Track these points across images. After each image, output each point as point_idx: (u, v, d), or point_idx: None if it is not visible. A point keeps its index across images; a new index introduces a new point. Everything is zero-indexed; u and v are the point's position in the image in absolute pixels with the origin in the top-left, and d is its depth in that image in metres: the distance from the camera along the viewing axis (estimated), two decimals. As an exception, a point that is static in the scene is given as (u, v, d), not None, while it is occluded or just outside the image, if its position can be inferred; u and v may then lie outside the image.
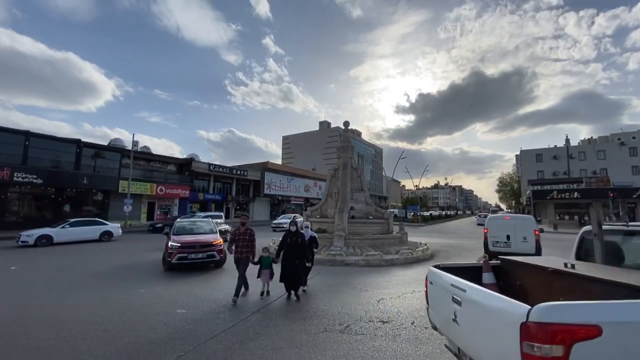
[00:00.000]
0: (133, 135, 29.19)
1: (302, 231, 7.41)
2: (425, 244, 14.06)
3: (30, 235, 15.30)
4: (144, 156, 33.86)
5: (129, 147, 30.59)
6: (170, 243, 9.43)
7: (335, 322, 5.31)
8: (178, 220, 11.62)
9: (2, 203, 23.26)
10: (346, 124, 15.97)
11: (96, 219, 19.30)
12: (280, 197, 48.42)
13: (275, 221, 29.28)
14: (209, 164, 38.65)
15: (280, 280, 6.62)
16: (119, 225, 19.14)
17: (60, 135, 32.48)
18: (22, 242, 15.00)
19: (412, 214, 47.30)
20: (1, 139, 23.23)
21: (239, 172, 42.49)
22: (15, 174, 22.86)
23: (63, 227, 16.58)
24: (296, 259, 6.66)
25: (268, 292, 6.90)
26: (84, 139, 28.03)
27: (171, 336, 4.59)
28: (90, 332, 4.71)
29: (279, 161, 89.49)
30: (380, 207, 16.40)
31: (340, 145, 16.22)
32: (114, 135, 68.86)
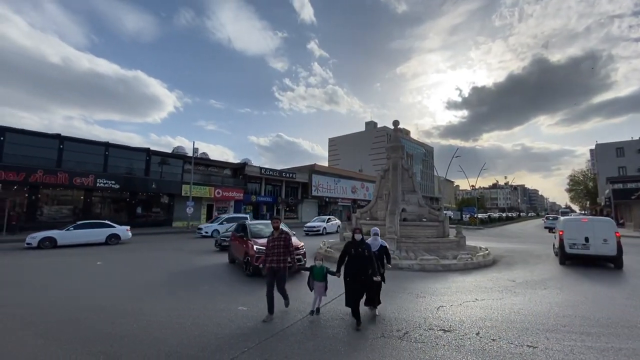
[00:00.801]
0: (193, 142, 31.66)
1: (370, 240, 6.09)
2: (486, 249, 13.07)
3: (34, 237, 15.04)
4: (203, 162, 36.47)
5: (190, 153, 33.22)
6: (256, 247, 9.03)
7: (392, 328, 5.16)
8: (250, 223, 11.04)
9: (88, 206, 26.75)
10: (396, 123, 15.54)
11: (104, 221, 18.31)
12: (327, 199, 48.78)
13: (308, 224, 26.96)
14: (260, 168, 40.36)
15: (347, 305, 5.38)
16: (127, 228, 18.27)
17: (132, 145, 36.42)
18: (27, 244, 14.89)
19: (468, 216, 44.41)
20: (86, 150, 26.80)
21: (287, 174, 43.74)
22: (97, 180, 26.17)
23: (68, 230, 16.15)
24: (362, 275, 5.27)
25: (318, 309, 5.79)
26: (151, 148, 31.14)
27: (235, 332, 4.84)
28: (165, 324, 5.17)
29: (325, 163, 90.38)
30: (433, 208, 15.64)
31: (390, 145, 15.82)
32: (177, 144, 75.25)
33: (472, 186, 50.93)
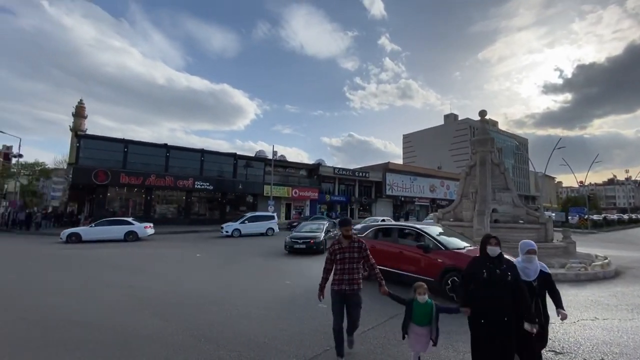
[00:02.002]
0: (273, 146, 33.90)
1: (519, 260, 3.48)
2: (604, 257, 10.80)
3: (64, 233, 16.87)
4: (281, 164, 38.73)
5: (270, 156, 35.65)
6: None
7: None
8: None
9: (188, 205, 30.82)
10: (482, 113, 13.99)
11: (124, 218, 19.15)
12: (402, 198, 46.91)
13: (357, 226, 22.34)
14: (334, 168, 41.00)
15: None
16: (146, 225, 18.70)
17: (222, 150, 40.72)
18: (60, 238, 16.71)
19: (576, 217, 37.68)
20: (187, 157, 30.93)
21: (360, 174, 43.48)
22: (196, 183, 29.94)
23: (90, 226, 17.80)
24: (502, 315, 2.97)
25: None
26: (237, 153, 34.38)
27: (317, 329, 4.91)
28: (252, 314, 5.53)
29: (399, 161, 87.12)
30: (530, 209, 13.59)
31: (477, 139, 14.31)
32: (258, 148, 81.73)
33: (581, 182, 43.06)
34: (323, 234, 14.01)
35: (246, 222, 21.75)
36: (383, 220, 22.95)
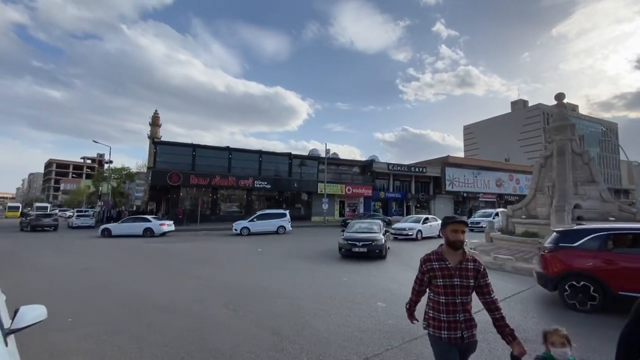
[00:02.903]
0: (325, 144, 34.27)
1: None
2: None
3: (100, 228, 19.93)
4: (334, 161, 38.96)
5: (323, 154, 36.09)
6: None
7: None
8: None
9: (249, 203, 32.69)
10: (559, 96, 12.36)
11: (143, 216, 21.83)
12: (465, 194, 43.86)
13: (397, 225, 19.53)
14: (388, 164, 39.96)
15: None
16: (162, 223, 20.18)
17: (278, 151, 42.33)
18: (100, 233, 19.41)
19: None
20: (246, 158, 32.83)
21: (417, 169, 41.71)
22: (255, 182, 31.64)
23: (118, 223, 20.38)
24: None
25: None
26: (292, 152, 35.49)
27: (376, 327, 4.83)
28: (313, 309, 5.66)
29: (460, 154, 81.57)
30: (623, 204, 11.66)
31: (553, 126, 12.72)
32: (310, 147, 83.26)
33: (694, 172, 35.61)
34: (382, 235, 11.81)
35: (255, 220, 21.24)
36: (426, 220, 19.42)
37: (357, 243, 11.12)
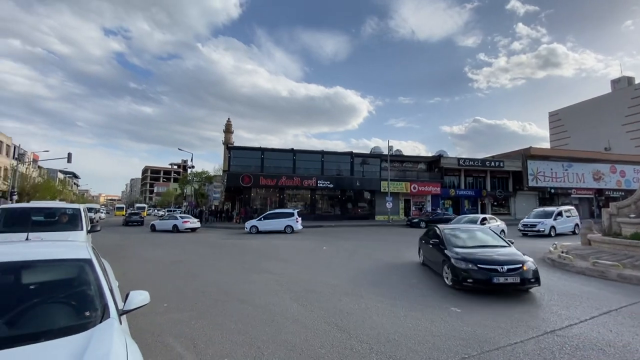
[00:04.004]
0: (388, 141, 33.37)
1: None
2: None
3: (154, 225, 24.70)
4: (397, 158, 37.73)
5: (385, 152, 35.24)
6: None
7: None
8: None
9: (313, 202, 33.57)
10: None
11: (174, 214, 28.23)
12: (552, 190, 38.48)
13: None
14: (458, 159, 37.21)
15: None
16: (186, 220, 23.77)
17: (339, 150, 42.63)
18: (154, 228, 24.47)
19: None
20: (309, 159, 33.78)
21: (492, 163, 38.02)
22: (318, 182, 32.37)
23: (160, 218, 26.80)
24: None
25: None
26: (353, 151, 35.39)
27: (451, 333, 4.52)
28: (381, 309, 5.54)
29: (545, 144, 71.83)
30: None
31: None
32: (372, 145, 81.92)
33: None
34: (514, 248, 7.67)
35: (263, 219, 21.83)
36: (484, 220, 17.31)
37: (501, 268, 6.43)
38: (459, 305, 5.80)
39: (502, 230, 16.60)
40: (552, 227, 18.17)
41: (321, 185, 32.59)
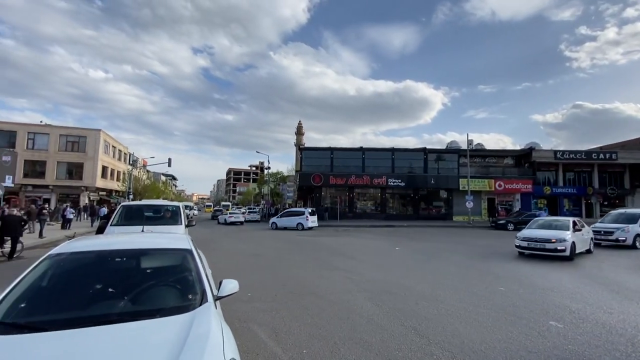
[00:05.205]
0: (467, 135, 30.70)
1: None
2: None
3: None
4: (479, 153, 34.49)
5: (463, 146, 32.48)
6: None
7: None
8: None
9: (383, 201, 32.82)
10: None
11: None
12: (693, 187, 30.56)
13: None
14: (555, 151, 32.32)
15: None
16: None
17: (410, 147, 40.80)
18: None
19: None
20: (379, 157, 33.12)
21: (601, 155, 31.98)
22: (388, 180, 31.54)
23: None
24: None
25: None
26: (427, 147, 33.45)
27: (551, 352, 3.93)
28: (464, 317, 5.12)
29: (680, 130, 57.37)
30: None
31: None
32: (448, 139, 76.42)
33: None
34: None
35: (280, 217, 25.14)
36: (578, 224, 11.59)
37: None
38: (557, 317, 5.01)
39: (591, 239, 12.05)
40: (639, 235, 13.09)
41: (392, 183, 31.66)
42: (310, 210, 24.19)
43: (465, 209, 28.45)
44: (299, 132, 75.46)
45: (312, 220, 23.45)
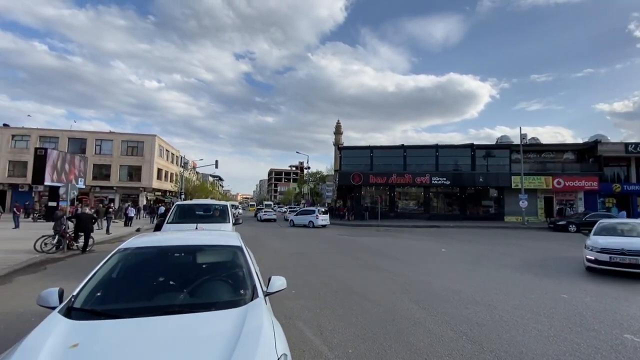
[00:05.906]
0: (520, 128, 28.43)
1: None
2: None
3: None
4: (533, 148, 31.84)
5: (516, 141, 30.17)
6: None
7: None
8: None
9: (427, 200, 31.59)
10: None
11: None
12: None
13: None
14: (626, 144, 28.76)
15: None
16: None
17: (456, 143, 38.83)
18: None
19: None
20: (421, 154, 31.95)
21: (687, 147, 27.78)
22: (432, 178, 30.30)
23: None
24: None
25: None
26: (474, 143, 31.55)
27: (629, 369, 3.51)
28: (521, 325, 4.76)
29: None
30: None
31: None
32: (497, 134, 71.50)
33: None
34: None
35: (297, 215, 27.29)
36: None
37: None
38: (634, 329, 4.44)
39: None
40: None
41: (435, 182, 30.36)
42: (321, 210, 26.50)
43: (518, 209, 26.36)
44: (338, 132, 75.37)
45: (323, 219, 25.09)
